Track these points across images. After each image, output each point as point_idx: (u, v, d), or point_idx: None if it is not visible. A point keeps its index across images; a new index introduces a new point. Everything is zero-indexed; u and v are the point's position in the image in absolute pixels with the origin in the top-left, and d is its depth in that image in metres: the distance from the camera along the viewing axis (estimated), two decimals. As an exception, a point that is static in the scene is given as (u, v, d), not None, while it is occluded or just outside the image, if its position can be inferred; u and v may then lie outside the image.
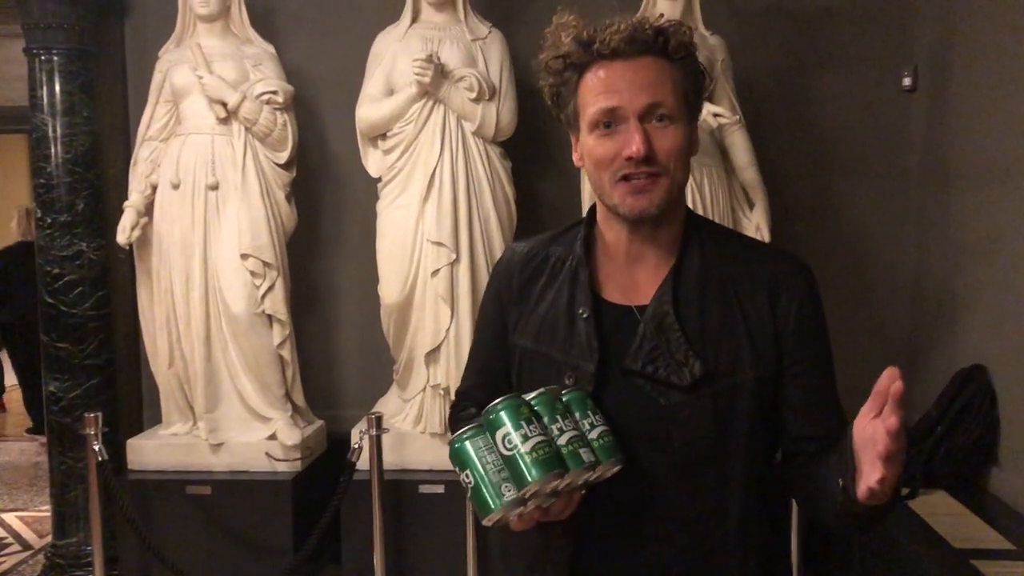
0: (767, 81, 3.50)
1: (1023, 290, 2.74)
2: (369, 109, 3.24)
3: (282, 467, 3.25)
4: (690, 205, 2.99)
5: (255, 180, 3.23)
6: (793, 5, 3.51)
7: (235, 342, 3.25)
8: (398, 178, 3.21)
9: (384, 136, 3.26)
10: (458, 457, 1.16)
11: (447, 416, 2.49)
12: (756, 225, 3.18)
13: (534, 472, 1.10)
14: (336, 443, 3.45)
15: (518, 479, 1.11)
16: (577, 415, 1.18)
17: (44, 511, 4.64)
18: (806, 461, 1.26)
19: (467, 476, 1.14)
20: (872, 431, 1.03)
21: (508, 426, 1.13)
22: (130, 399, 3.77)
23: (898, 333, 3.55)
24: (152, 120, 3.36)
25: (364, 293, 3.51)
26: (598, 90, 1.22)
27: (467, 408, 1.44)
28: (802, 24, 3.52)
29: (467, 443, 1.15)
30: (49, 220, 3.47)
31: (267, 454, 3.26)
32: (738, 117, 3.08)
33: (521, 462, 1.11)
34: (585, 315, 1.27)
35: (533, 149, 3.51)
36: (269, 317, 3.28)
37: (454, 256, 3.15)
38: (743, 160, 3.18)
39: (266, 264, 3.23)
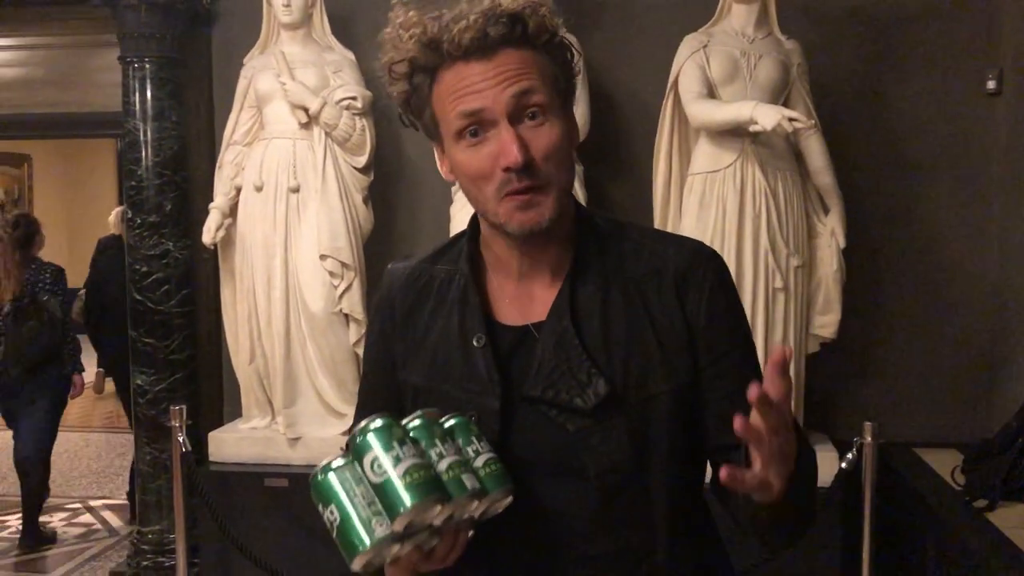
0: (843, 85, 3.46)
1: (1111, 300, 2.66)
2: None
3: (356, 463, 3.33)
4: (764, 210, 3.01)
5: (334, 183, 3.32)
6: (871, 8, 3.46)
7: (313, 340, 3.34)
8: (472, 182, 3.26)
9: (457, 140, 3.31)
10: (320, 491, 1.00)
11: None
12: (831, 230, 3.15)
13: (409, 498, 0.95)
14: (408, 440, 3.51)
15: (391, 508, 0.95)
16: (460, 442, 1.04)
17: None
18: None
19: (331, 512, 0.98)
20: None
21: (377, 448, 0.98)
22: (212, 393, 3.90)
23: (979, 342, 3.47)
24: (237, 125, 3.47)
25: (437, 294, 3.56)
26: (456, 94, 1.06)
27: None
28: (880, 27, 3.46)
29: (331, 474, 1.00)
30: (139, 220, 3.63)
31: (342, 449, 3.33)
32: (814, 122, 3.05)
33: (394, 488, 0.95)
34: (480, 343, 1.12)
35: (605, 152, 3.53)
36: (346, 316, 3.36)
37: (526, 259, 3.18)
38: (818, 165, 3.15)
39: (344, 265, 3.32)
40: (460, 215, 3.29)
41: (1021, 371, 3.18)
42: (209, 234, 3.42)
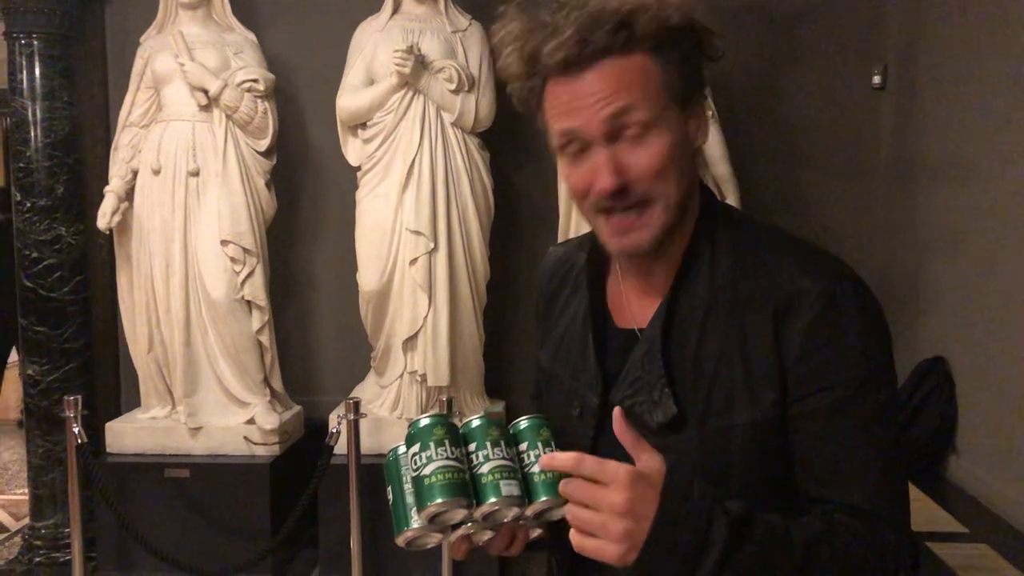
0: (740, 77, 3.57)
1: (983, 285, 2.83)
2: (350, 98, 3.28)
3: (260, 451, 3.29)
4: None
5: (235, 167, 3.26)
6: (766, 3, 3.58)
7: (214, 327, 3.28)
8: (378, 167, 3.26)
9: (364, 125, 3.30)
10: (385, 470, 1.10)
11: None
12: (728, 218, 3.26)
13: (433, 496, 1.00)
14: (314, 428, 3.50)
15: (419, 502, 1.02)
16: (524, 445, 1.04)
17: (19, 495, 4.65)
18: None
19: (388, 492, 1.08)
20: None
21: (417, 445, 1.03)
22: (108, 383, 3.79)
23: (864, 325, 3.64)
24: (133, 106, 3.38)
25: (343, 280, 3.55)
26: (555, 111, 1.01)
27: None
28: (775, 22, 3.59)
29: (392, 459, 1.08)
30: (28, 204, 3.49)
31: (245, 438, 3.29)
32: (711, 113, 3.14)
33: (423, 484, 1.01)
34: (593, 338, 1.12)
35: (511, 140, 3.56)
36: (248, 303, 3.31)
37: (432, 245, 3.20)
38: (715, 154, 3.25)
39: (246, 250, 3.26)
40: (367, 200, 3.28)
41: (902, 352, 3.35)
42: (104, 219, 3.32)
